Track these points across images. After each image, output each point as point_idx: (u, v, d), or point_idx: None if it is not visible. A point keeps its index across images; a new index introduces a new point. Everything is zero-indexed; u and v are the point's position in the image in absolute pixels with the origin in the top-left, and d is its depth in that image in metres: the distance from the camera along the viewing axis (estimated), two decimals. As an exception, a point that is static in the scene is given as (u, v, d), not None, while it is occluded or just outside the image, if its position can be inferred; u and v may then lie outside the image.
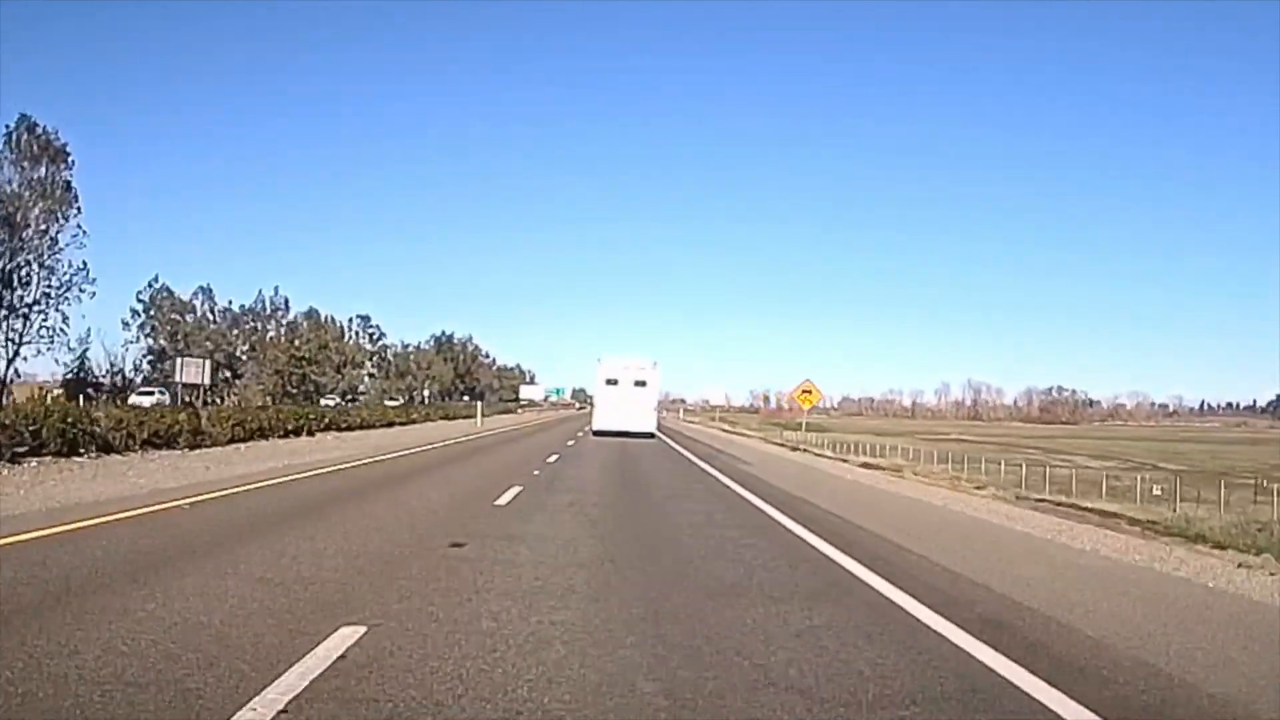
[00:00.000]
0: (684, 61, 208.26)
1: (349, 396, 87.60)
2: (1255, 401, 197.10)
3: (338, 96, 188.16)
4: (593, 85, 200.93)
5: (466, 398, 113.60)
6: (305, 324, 74.56)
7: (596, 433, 37.99)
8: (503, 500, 12.81)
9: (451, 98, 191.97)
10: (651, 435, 38.89)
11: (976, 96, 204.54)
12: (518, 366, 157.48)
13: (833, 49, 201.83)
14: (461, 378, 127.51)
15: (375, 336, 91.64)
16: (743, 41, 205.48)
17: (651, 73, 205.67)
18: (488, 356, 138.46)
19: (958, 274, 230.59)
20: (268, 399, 61.78)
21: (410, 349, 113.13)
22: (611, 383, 39.18)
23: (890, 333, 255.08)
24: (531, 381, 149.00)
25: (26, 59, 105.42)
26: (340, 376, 78.42)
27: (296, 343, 71.03)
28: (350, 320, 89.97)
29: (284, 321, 72.15)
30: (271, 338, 71.54)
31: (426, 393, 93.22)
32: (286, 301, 71.89)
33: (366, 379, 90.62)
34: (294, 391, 71.21)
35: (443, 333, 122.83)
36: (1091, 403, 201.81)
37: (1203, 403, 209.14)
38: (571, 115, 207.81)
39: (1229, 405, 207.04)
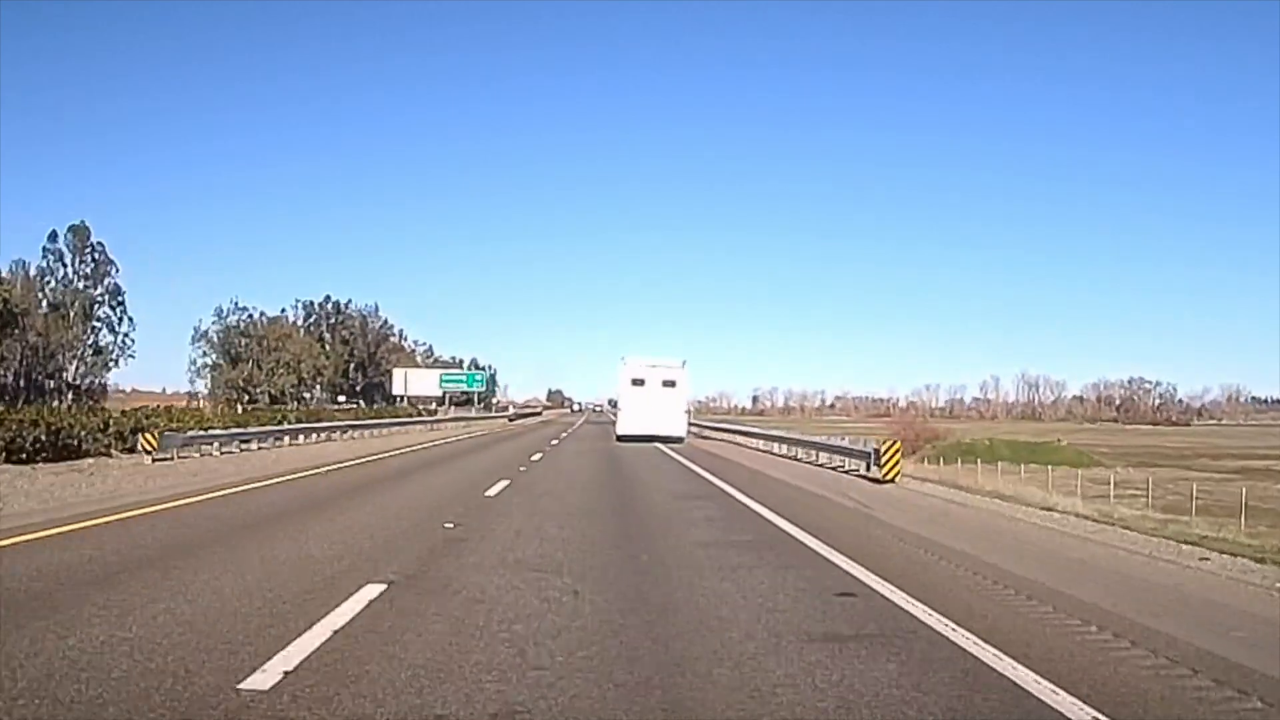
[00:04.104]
0: (685, 66, 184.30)
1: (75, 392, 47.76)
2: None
3: (334, 98, 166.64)
4: (586, 86, 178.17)
5: (343, 398, 73.26)
6: None
7: (620, 437, 35.03)
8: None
9: (447, 98, 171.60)
10: (681, 439, 35.10)
11: (1010, 81, 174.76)
12: (473, 361, 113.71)
13: (866, 44, 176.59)
14: (362, 367, 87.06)
15: (100, 273, 50.43)
16: (741, 43, 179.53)
17: (647, 74, 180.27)
18: (412, 341, 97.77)
19: (987, 265, 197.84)
20: None
21: (262, 318, 73.10)
22: (638, 383, 36.29)
23: (917, 327, 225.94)
24: (489, 372, 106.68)
25: None
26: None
27: None
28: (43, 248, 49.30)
29: None
30: None
31: (205, 386, 52.34)
32: None
33: (91, 356, 50.07)
34: None
35: (327, 298, 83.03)
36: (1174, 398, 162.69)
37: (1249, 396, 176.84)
38: (556, 117, 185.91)
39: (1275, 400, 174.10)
